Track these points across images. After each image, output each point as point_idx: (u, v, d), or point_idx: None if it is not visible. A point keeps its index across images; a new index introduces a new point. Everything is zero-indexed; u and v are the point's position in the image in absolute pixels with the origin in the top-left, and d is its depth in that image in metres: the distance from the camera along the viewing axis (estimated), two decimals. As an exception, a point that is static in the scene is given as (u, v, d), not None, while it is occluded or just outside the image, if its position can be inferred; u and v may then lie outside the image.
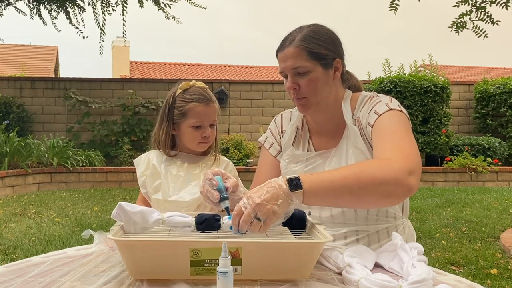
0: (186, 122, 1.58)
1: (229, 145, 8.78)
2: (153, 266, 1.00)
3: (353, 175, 1.14)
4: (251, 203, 1.06)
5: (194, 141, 1.59)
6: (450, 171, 8.46)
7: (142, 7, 8.29)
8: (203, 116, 1.57)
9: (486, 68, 21.42)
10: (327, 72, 1.39)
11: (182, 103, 1.58)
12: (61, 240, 4.25)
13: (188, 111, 1.57)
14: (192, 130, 1.58)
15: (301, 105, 1.43)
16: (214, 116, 1.61)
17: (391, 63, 11.98)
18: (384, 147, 1.26)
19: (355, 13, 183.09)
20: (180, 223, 1.13)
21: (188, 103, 1.57)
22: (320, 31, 1.41)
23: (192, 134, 1.58)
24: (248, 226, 1.06)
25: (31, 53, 20.23)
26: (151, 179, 1.58)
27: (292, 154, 1.51)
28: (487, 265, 3.55)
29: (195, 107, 1.56)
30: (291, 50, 1.37)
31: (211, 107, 1.59)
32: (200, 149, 1.62)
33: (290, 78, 1.39)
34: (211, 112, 1.59)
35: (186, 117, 1.57)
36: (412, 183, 1.15)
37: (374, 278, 0.95)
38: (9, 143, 7.39)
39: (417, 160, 1.21)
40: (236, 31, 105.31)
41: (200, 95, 1.58)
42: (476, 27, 4.63)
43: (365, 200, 1.16)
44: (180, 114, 1.58)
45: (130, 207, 1.13)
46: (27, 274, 1.07)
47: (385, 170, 1.15)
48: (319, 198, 1.13)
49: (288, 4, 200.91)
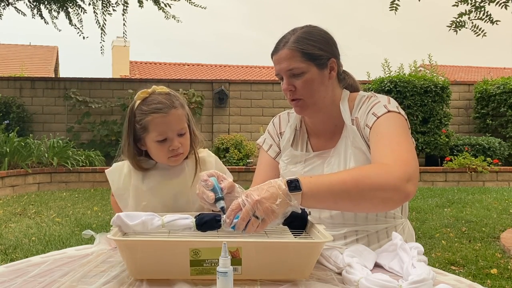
0: (149, 137, 1.39)
1: (229, 145, 8.78)
2: (153, 266, 1.00)
3: (352, 180, 1.15)
4: (250, 200, 1.06)
5: (163, 156, 1.40)
6: (450, 171, 8.46)
7: (142, 7, 8.30)
8: (165, 127, 1.37)
9: (486, 68, 21.41)
10: (322, 73, 1.39)
11: (141, 116, 1.38)
12: (61, 240, 4.25)
13: (148, 125, 1.37)
14: (157, 144, 1.38)
15: (298, 107, 1.43)
16: (181, 124, 1.40)
17: (391, 63, 11.97)
18: (382, 151, 1.27)
19: (355, 13, 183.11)
20: (180, 226, 1.13)
21: (147, 115, 1.37)
22: (313, 32, 1.41)
23: (158, 149, 1.39)
24: (245, 223, 1.06)
25: (31, 53, 20.24)
26: (134, 202, 1.41)
27: (291, 155, 1.51)
28: (487, 265, 3.55)
29: (153, 119, 1.36)
30: (285, 52, 1.37)
31: (172, 115, 1.37)
32: (172, 163, 1.42)
33: (285, 80, 1.39)
34: (174, 120, 1.38)
35: (148, 131, 1.38)
36: (410, 190, 1.17)
37: (374, 278, 0.95)
38: (9, 143, 7.39)
39: (415, 167, 1.22)
40: (236, 31, 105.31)
41: (158, 104, 1.37)
42: (474, 26, 4.63)
43: (362, 205, 1.19)
44: (142, 129, 1.39)
45: (129, 219, 1.11)
46: (27, 274, 1.07)
47: (384, 177, 1.16)
48: (318, 201, 1.14)
49: (289, 4, 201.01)
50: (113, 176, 1.48)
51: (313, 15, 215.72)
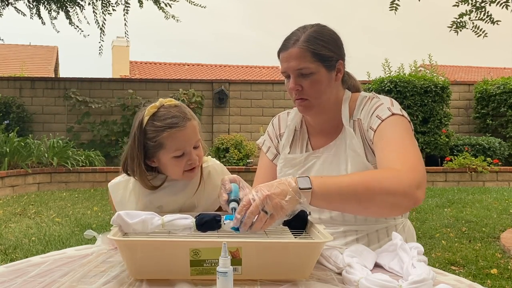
0: (165, 154, 1.32)
1: (229, 145, 8.78)
2: (153, 266, 1.00)
3: (362, 183, 1.15)
4: (260, 195, 1.07)
5: (179, 172, 1.35)
6: (450, 171, 8.46)
7: (142, 7, 8.30)
8: (183, 142, 1.32)
9: (486, 68, 21.41)
10: (330, 74, 1.39)
11: (154, 134, 1.31)
12: (61, 240, 4.25)
13: (165, 141, 1.31)
14: (174, 160, 1.32)
15: (302, 106, 1.42)
16: (196, 136, 1.35)
17: (391, 63, 11.97)
18: (390, 156, 1.27)
19: (355, 12, 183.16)
20: (180, 226, 1.13)
21: (163, 131, 1.30)
22: (324, 31, 1.40)
23: (175, 165, 1.33)
24: (254, 217, 1.06)
25: (31, 53, 20.23)
26: None
27: (285, 159, 1.51)
28: (487, 265, 3.55)
29: (170, 134, 1.30)
30: (295, 51, 1.36)
31: (189, 127, 1.32)
32: (187, 178, 1.37)
33: (293, 79, 1.38)
34: (191, 133, 1.33)
35: (164, 147, 1.32)
36: (419, 196, 1.18)
37: (374, 278, 0.95)
38: (9, 143, 7.39)
39: (423, 173, 1.23)
40: (236, 31, 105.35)
41: (173, 118, 1.31)
42: (475, 26, 4.63)
43: (371, 208, 1.19)
44: (156, 146, 1.32)
45: (130, 217, 1.11)
46: (27, 274, 1.07)
47: (394, 182, 1.16)
48: (326, 200, 1.14)
49: (289, 4, 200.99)
50: (117, 191, 1.44)
51: (314, 15, 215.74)
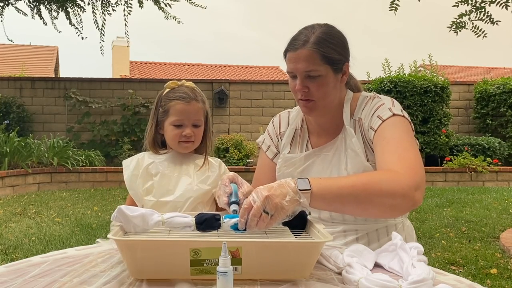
0: (168, 120, 1.56)
1: (229, 145, 8.78)
2: (153, 266, 1.00)
3: (361, 184, 1.16)
4: (260, 196, 1.07)
5: (175, 140, 1.55)
6: (450, 171, 8.47)
7: (142, 7, 8.30)
8: (183, 114, 1.54)
9: (486, 68, 21.41)
10: (336, 77, 1.39)
11: (165, 101, 1.57)
12: (61, 240, 4.25)
13: (170, 109, 1.55)
14: (173, 128, 1.54)
15: (307, 107, 1.42)
16: (198, 115, 1.56)
17: (391, 63, 11.95)
18: (390, 158, 1.27)
19: (355, 12, 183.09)
20: (180, 224, 1.13)
21: (171, 101, 1.55)
22: (333, 33, 1.39)
23: (172, 132, 1.55)
24: (257, 219, 1.06)
25: (31, 53, 20.22)
26: (142, 180, 1.55)
27: (284, 159, 1.52)
28: (487, 265, 3.55)
29: (175, 104, 1.54)
30: (304, 52, 1.34)
31: (193, 105, 1.55)
32: (181, 149, 1.57)
33: (300, 80, 1.37)
34: (193, 110, 1.55)
35: (168, 115, 1.56)
36: (418, 198, 1.18)
37: (374, 278, 0.95)
38: (9, 143, 7.39)
39: (422, 174, 1.23)
40: (236, 31, 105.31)
41: (183, 93, 1.56)
42: (475, 27, 4.63)
43: (370, 210, 1.19)
44: (163, 113, 1.57)
45: (130, 210, 1.12)
46: (27, 274, 1.07)
47: (393, 184, 1.16)
48: (326, 202, 1.14)
49: (289, 4, 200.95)
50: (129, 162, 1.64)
51: (314, 16, 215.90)
